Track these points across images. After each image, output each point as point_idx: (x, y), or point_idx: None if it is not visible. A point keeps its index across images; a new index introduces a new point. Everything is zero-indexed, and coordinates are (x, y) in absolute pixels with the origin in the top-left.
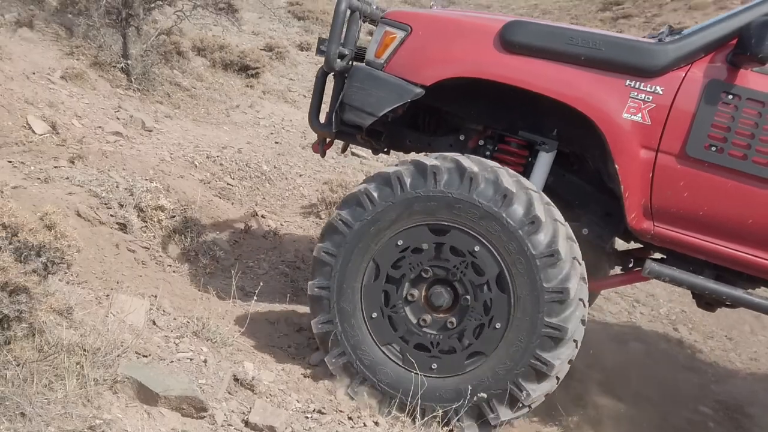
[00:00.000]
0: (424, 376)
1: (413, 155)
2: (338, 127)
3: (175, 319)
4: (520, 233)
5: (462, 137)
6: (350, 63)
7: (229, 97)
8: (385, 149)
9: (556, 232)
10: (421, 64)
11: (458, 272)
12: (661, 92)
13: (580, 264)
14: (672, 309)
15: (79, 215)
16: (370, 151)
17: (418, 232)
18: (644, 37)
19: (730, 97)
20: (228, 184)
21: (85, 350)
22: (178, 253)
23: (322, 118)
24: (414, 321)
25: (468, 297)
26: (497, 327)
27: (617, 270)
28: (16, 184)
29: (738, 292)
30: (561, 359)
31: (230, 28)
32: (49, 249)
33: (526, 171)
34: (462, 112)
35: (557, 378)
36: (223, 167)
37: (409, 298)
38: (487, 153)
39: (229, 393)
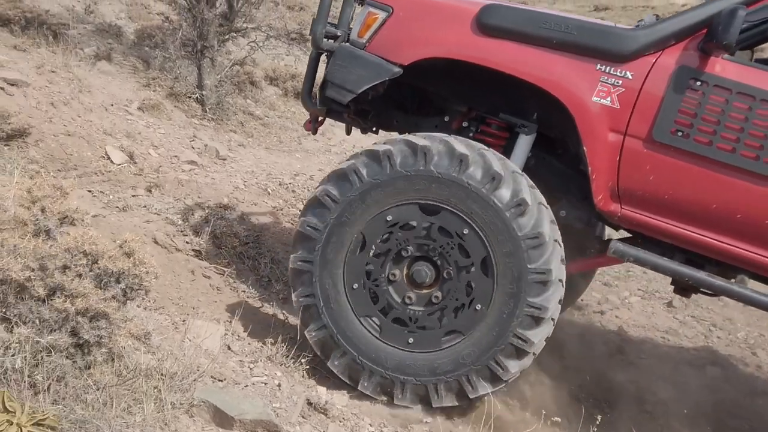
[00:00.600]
0: (401, 349)
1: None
2: (324, 104)
3: (249, 344)
4: (506, 215)
5: (447, 118)
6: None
7: (300, 125)
8: (374, 129)
9: (540, 214)
10: (400, 44)
11: (445, 252)
12: (630, 77)
13: (560, 246)
14: (750, 333)
15: (156, 242)
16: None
17: (408, 209)
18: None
19: (699, 83)
20: (300, 210)
21: (162, 374)
22: (252, 280)
23: None
24: (398, 299)
25: (451, 272)
26: (477, 308)
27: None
28: (96, 212)
29: (700, 275)
30: (540, 337)
31: (302, 57)
32: (128, 276)
33: (506, 153)
34: (446, 94)
35: (533, 354)
36: (295, 194)
37: (391, 277)
38: (470, 134)
39: (303, 417)
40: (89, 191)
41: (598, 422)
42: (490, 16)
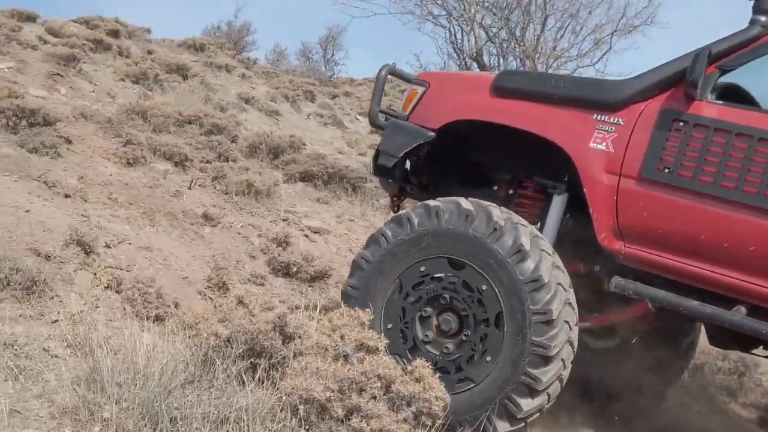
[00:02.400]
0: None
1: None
2: (377, 173)
3: None
4: (509, 261)
5: (495, 188)
6: None
7: None
8: None
9: (540, 260)
10: (433, 112)
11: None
12: (622, 123)
13: (566, 290)
14: None
15: None
16: None
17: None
18: None
19: (681, 123)
20: None
21: None
22: None
23: None
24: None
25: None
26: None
27: None
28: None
29: (692, 304)
30: (549, 375)
31: None
32: (418, 399)
33: (543, 213)
34: (491, 163)
35: (548, 395)
36: None
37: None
38: (514, 201)
39: None
40: None
41: None
42: (502, 81)
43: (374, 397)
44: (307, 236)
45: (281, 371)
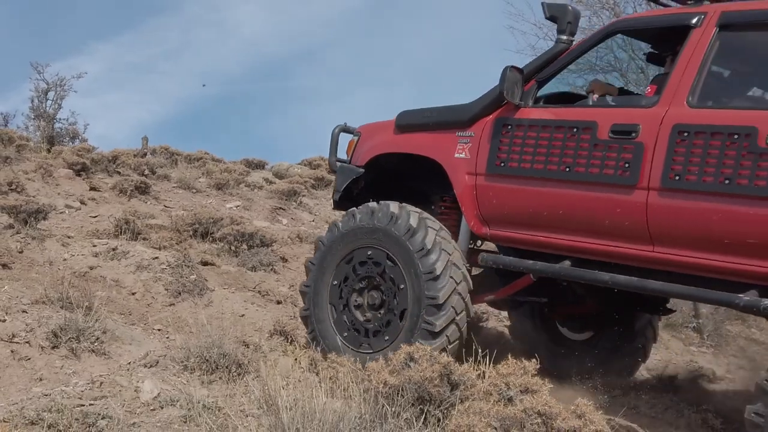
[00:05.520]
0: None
1: None
2: (336, 207)
3: None
4: (415, 255)
5: (433, 207)
6: None
7: None
8: None
9: (426, 233)
10: (361, 154)
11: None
12: (473, 134)
13: (449, 254)
14: None
15: None
16: None
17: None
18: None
19: (508, 127)
20: None
21: None
22: None
23: None
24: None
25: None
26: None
27: None
28: None
29: (555, 267)
30: (443, 320)
31: None
32: None
33: (459, 223)
34: (418, 187)
35: (447, 337)
36: None
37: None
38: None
39: None
40: None
41: None
42: (398, 120)
43: None
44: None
45: (447, 414)
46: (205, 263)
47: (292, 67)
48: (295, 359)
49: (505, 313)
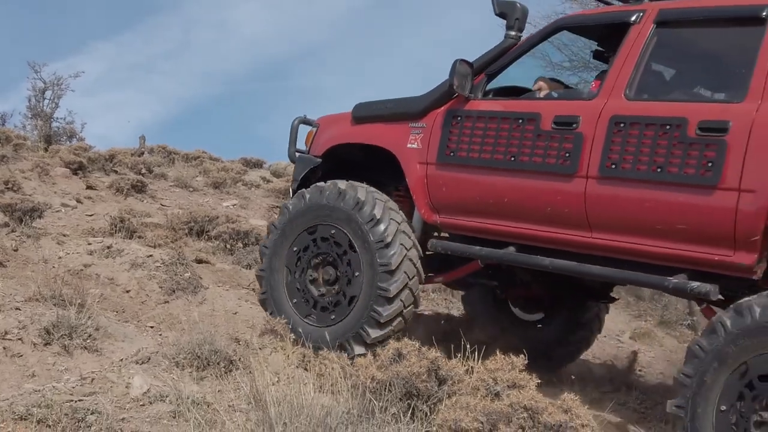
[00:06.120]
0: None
1: None
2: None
3: None
4: (365, 227)
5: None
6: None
7: None
8: None
9: (375, 205)
10: (319, 144)
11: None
12: (425, 126)
13: (398, 223)
14: None
15: None
16: None
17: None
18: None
19: (458, 118)
20: None
21: None
22: None
23: None
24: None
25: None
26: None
27: None
28: None
29: (499, 253)
30: (390, 311)
31: None
32: (566, 428)
33: (413, 212)
34: (381, 178)
35: (402, 301)
36: None
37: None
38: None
39: None
40: None
41: None
42: (355, 112)
43: (522, 428)
44: None
45: (435, 409)
46: (199, 261)
47: (292, 67)
48: (287, 356)
49: None
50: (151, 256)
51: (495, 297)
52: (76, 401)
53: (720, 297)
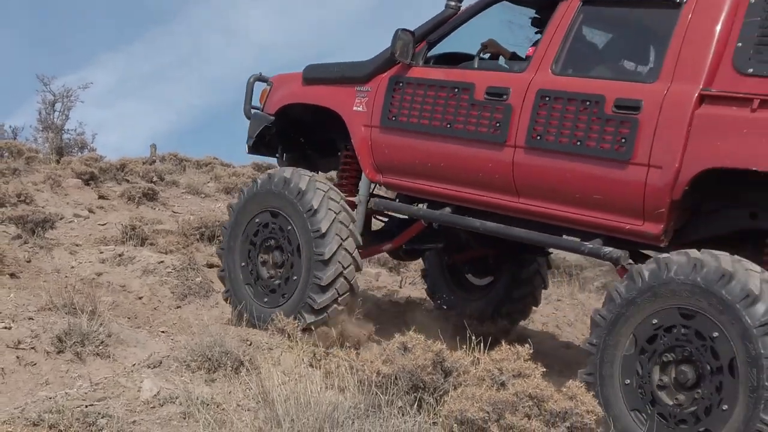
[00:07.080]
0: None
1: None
2: (251, 151)
3: None
4: (304, 216)
5: (339, 154)
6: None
7: None
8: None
9: (314, 194)
10: (272, 103)
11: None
12: (370, 89)
13: (336, 213)
14: None
15: None
16: None
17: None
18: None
19: (400, 84)
20: None
21: None
22: None
23: None
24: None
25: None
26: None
27: None
28: None
29: (435, 213)
30: (323, 299)
31: None
32: (572, 415)
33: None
34: (332, 137)
35: (336, 290)
36: None
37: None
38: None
39: None
40: None
41: None
42: (306, 73)
43: (528, 416)
44: None
45: (441, 401)
46: (211, 266)
47: None
48: (297, 355)
49: None
50: (162, 262)
51: (449, 267)
52: (87, 406)
53: (630, 261)
